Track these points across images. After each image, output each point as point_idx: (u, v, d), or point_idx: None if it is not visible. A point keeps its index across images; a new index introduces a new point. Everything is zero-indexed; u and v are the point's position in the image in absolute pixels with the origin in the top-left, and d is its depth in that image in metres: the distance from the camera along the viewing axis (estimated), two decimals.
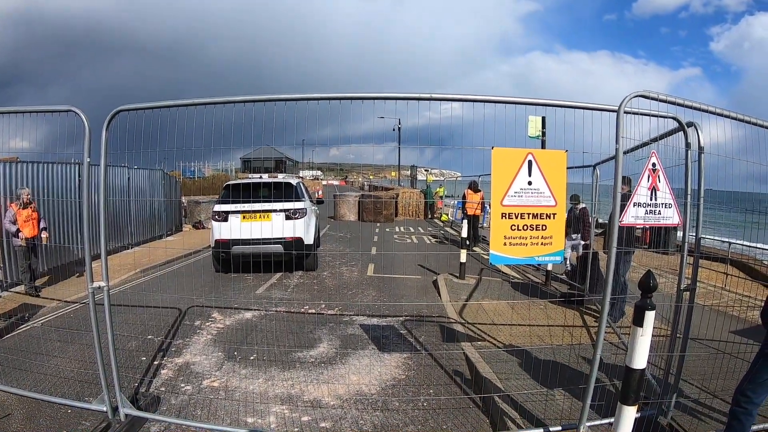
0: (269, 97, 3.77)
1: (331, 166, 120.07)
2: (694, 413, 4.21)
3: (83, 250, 4.03)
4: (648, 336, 3.17)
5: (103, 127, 3.82)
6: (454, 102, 3.81)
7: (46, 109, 4.11)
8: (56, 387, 4.90)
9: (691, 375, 4.74)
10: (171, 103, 3.88)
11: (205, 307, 7.96)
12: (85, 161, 3.90)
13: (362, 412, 4.61)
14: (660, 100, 3.49)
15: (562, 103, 3.70)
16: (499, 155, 3.74)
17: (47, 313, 7.54)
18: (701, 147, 3.82)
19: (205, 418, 4.47)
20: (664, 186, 3.80)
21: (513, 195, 3.74)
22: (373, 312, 7.93)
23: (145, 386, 5.07)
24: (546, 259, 3.92)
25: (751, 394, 3.16)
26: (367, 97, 3.71)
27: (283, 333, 6.89)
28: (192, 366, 5.63)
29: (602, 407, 4.02)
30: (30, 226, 8.50)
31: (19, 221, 8.35)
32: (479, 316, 7.42)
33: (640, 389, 3.35)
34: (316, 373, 5.49)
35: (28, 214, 8.48)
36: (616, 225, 3.50)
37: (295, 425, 4.36)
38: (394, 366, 5.66)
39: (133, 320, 7.19)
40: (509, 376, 5.08)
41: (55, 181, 10.48)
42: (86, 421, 4.28)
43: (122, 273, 10.36)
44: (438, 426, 4.33)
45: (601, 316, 3.55)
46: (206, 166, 37.49)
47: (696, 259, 4.05)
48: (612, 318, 6.69)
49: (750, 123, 3.78)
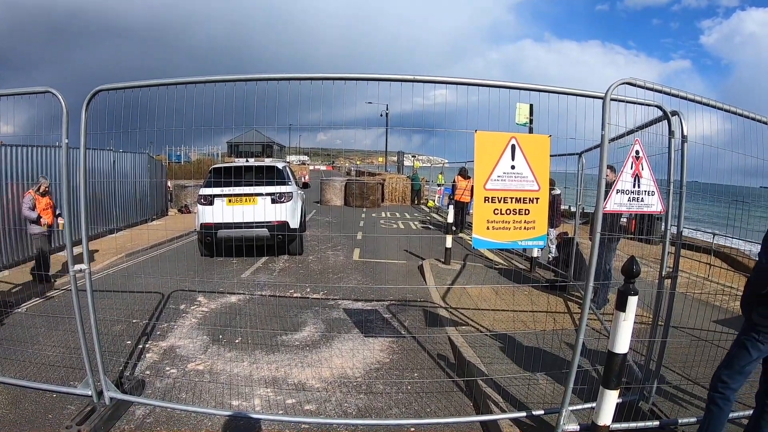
0: (253, 76, 3.69)
1: (319, 151, 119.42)
2: (675, 399, 4.28)
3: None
4: (630, 321, 3.21)
5: (83, 108, 3.74)
6: (439, 85, 3.77)
7: (23, 91, 4.01)
8: (41, 372, 4.85)
9: (673, 362, 4.82)
10: (152, 82, 3.80)
11: (190, 291, 7.93)
12: (63, 143, 3.81)
13: (346, 395, 4.63)
14: (646, 88, 3.50)
15: (550, 88, 3.68)
16: (482, 139, 3.72)
17: (30, 298, 7.45)
18: (684, 136, 3.83)
19: (190, 400, 4.46)
20: (647, 173, 3.82)
21: (496, 179, 3.72)
22: (358, 296, 7.95)
23: (130, 370, 5.05)
24: (529, 243, 3.92)
25: (728, 380, 3.20)
26: (352, 77, 3.65)
27: (268, 317, 6.89)
28: (177, 349, 5.62)
29: (584, 391, 4.07)
30: (48, 215, 8.42)
31: (38, 209, 8.26)
32: (464, 301, 7.45)
33: (622, 374, 3.40)
34: (301, 356, 5.50)
35: (47, 203, 8.41)
36: (600, 211, 3.51)
37: (279, 408, 4.37)
38: (378, 350, 5.69)
39: (118, 304, 7.13)
40: (493, 361, 5.12)
41: (39, 165, 10.31)
42: (71, 405, 4.25)
43: (107, 257, 10.27)
44: (422, 409, 4.36)
45: (584, 301, 3.57)
46: (192, 151, 37.21)
47: (678, 247, 4.09)
48: (596, 305, 6.76)
49: (734, 113, 3.79)
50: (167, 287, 7.99)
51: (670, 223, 4.01)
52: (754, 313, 3.10)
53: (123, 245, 11.37)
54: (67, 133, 3.80)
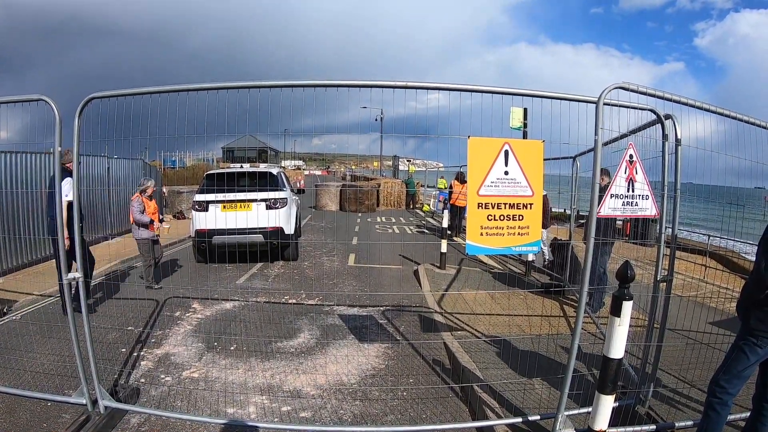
0: (248, 84, 3.68)
1: (314, 156, 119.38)
2: (672, 402, 4.28)
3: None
4: (625, 326, 3.21)
5: (75, 116, 3.72)
6: (431, 90, 3.77)
7: (16, 99, 3.99)
8: (36, 381, 4.80)
9: (669, 365, 4.82)
10: (145, 90, 3.79)
11: (185, 298, 7.90)
12: (56, 150, 3.81)
13: (342, 401, 4.62)
14: (639, 92, 3.51)
15: (543, 93, 3.68)
16: (475, 145, 3.71)
17: (23, 306, 7.39)
18: (678, 139, 3.85)
19: (185, 408, 4.44)
20: (641, 177, 3.83)
21: (489, 185, 3.71)
22: (354, 302, 7.94)
23: (125, 378, 5.02)
24: (523, 249, 3.91)
25: (726, 385, 3.20)
26: (345, 84, 3.65)
27: (263, 323, 6.86)
28: (172, 357, 5.59)
29: (580, 396, 4.07)
30: (156, 219, 8.48)
31: (147, 212, 8.24)
32: (459, 305, 7.45)
33: (618, 378, 3.40)
34: (296, 363, 5.47)
35: (154, 207, 8.43)
36: (594, 216, 3.52)
37: (275, 415, 4.35)
38: (374, 356, 5.67)
39: (113, 312, 7.10)
40: (488, 366, 5.12)
41: (34, 172, 10.25)
42: (66, 414, 4.22)
43: (101, 264, 10.20)
44: (418, 415, 4.35)
45: (578, 305, 3.57)
46: (187, 156, 37.18)
47: (672, 250, 4.10)
48: (591, 308, 6.76)
49: (727, 116, 3.82)
50: (162, 294, 7.96)
51: (665, 226, 4.02)
52: (752, 318, 3.10)
53: (117, 252, 11.30)
54: (60, 141, 3.79)
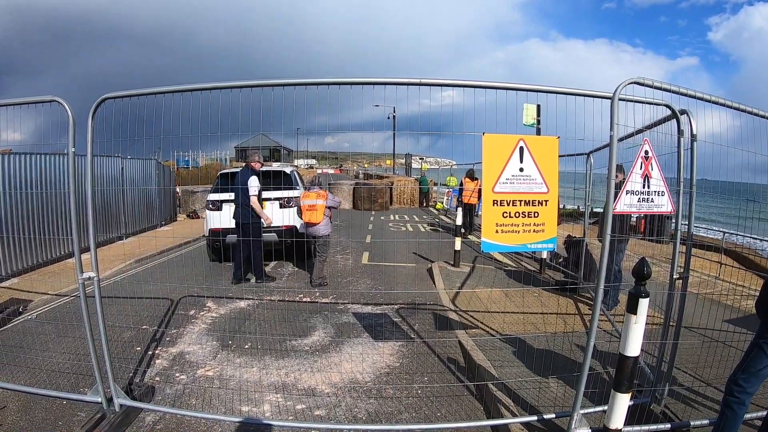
0: (260, 82, 3.69)
1: (327, 154, 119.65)
2: (688, 401, 4.23)
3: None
4: (642, 323, 3.17)
5: (89, 116, 3.75)
6: (446, 87, 3.76)
7: (29, 101, 4.03)
8: (51, 379, 4.87)
9: (685, 363, 4.77)
10: (158, 90, 3.81)
11: (199, 297, 7.95)
12: (69, 151, 3.83)
13: (356, 399, 4.62)
14: (654, 87, 3.46)
15: (558, 89, 3.65)
16: (490, 141, 3.69)
17: (39, 306, 7.48)
18: (694, 135, 3.80)
19: (199, 407, 4.47)
20: (656, 173, 3.78)
21: (504, 182, 3.69)
22: (368, 300, 7.93)
23: (140, 376, 5.06)
24: (538, 246, 3.88)
25: (744, 384, 3.16)
26: (358, 81, 3.64)
27: (277, 321, 6.88)
28: (186, 355, 5.62)
29: (596, 395, 4.04)
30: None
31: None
32: (473, 303, 7.42)
33: (634, 377, 3.36)
34: (311, 361, 5.48)
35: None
36: (610, 213, 3.48)
37: (289, 413, 4.36)
38: (388, 354, 5.67)
39: (127, 311, 7.16)
40: (503, 364, 5.09)
41: (47, 173, 10.34)
42: (81, 412, 4.28)
43: (116, 263, 10.31)
44: (432, 413, 4.34)
45: (594, 303, 3.54)
46: (200, 156, 37.41)
47: (688, 247, 4.05)
48: (606, 306, 6.71)
49: (743, 111, 3.76)
50: (176, 293, 8.01)
51: (680, 223, 3.97)
52: None
53: (132, 251, 11.42)
54: (74, 142, 3.82)
